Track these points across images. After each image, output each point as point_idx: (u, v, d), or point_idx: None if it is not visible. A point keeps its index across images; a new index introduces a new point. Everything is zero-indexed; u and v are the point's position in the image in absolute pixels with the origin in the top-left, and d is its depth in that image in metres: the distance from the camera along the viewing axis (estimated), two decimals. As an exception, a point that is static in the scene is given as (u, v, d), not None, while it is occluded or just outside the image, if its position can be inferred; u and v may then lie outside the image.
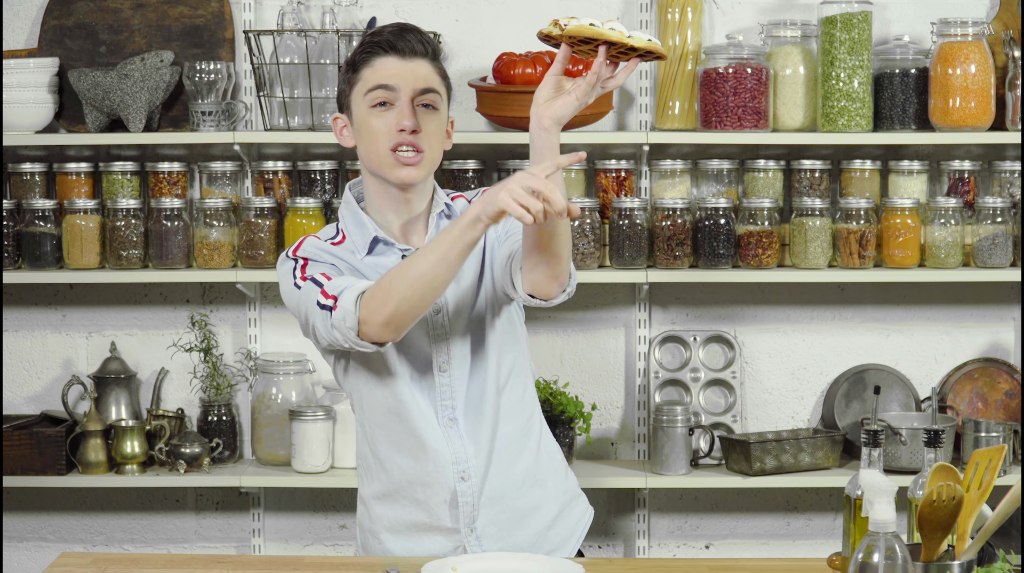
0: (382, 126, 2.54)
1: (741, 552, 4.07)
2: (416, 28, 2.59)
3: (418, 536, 2.65)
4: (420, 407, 2.60)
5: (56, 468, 3.81)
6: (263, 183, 3.89)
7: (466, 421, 2.61)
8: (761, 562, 2.78)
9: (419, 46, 2.56)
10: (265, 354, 3.96)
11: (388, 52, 2.55)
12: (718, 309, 4.02)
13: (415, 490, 2.63)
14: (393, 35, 2.56)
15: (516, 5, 3.95)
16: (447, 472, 2.60)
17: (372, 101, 2.55)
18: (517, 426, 2.65)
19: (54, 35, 3.91)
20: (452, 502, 2.62)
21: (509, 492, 2.64)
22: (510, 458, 2.64)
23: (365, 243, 2.61)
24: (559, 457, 2.75)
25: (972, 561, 2.17)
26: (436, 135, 2.57)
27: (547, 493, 2.69)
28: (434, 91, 2.56)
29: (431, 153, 2.56)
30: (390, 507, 2.67)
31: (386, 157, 2.54)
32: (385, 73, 2.54)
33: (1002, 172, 3.87)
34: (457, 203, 2.68)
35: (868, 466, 2.21)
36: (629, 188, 3.87)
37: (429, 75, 2.57)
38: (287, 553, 4.05)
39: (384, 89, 2.54)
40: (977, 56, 3.72)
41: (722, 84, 3.72)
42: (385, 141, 2.54)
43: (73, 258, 3.81)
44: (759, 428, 4.01)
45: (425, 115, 2.55)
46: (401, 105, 2.54)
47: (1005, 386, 3.95)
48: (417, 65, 2.56)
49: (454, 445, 2.60)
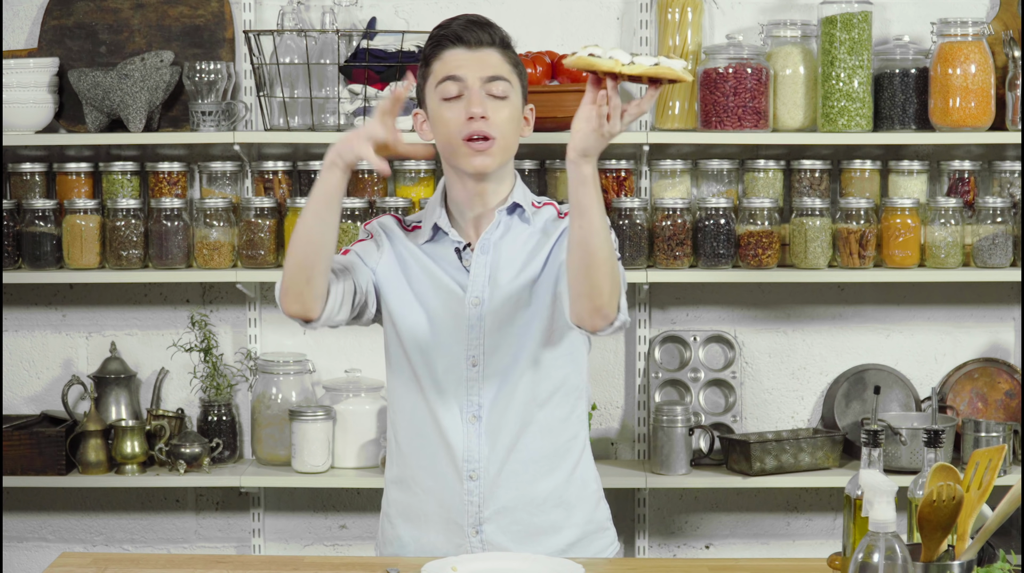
0: (453, 116, 2.55)
1: (741, 552, 4.07)
2: (484, 19, 2.60)
3: (426, 526, 2.65)
4: (444, 396, 2.60)
5: (56, 468, 3.81)
6: (263, 183, 3.89)
7: (489, 421, 2.60)
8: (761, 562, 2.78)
9: (486, 36, 2.57)
10: (265, 354, 3.96)
11: (456, 44, 2.57)
12: (718, 309, 4.02)
13: (427, 479, 2.63)
14: (460, 27, 2.57)
15: (516, 5, 3.95)
16: (457, 467, 2.60)
17: (442, 93, 2.56)
18: (552, 444, 2.63)
19: (54, 35, 3.91)
20: (458, 499, 2.61)
21: (527, 507, 2.62)
22: (536, 473, 2.62)
23: (429, 228, 2.65)
24: (594, 486, 2.71)
25: (972, 561, 2.17)
26: (508, 123, 2.56)
27: (572, 518, 2.66)
28: (503, 79, 2.56)
29: (503, 141, 2.56)
30: (403, 492, 2.68)
31: (459, 147, 2.55)
32: (453, 64, 2.56)
33: (1002, 172, 3.87)
34: (544, 210, 2.66)
35: (868, 466, 2.21)
36: (629, 188, 3.87)
37: (498, 63, 2.57)
38: (287, 553, 4.05)
39: (452, 80, 2.55)
40: (977, 56, 3.72)
41: (722, 84, 3.72)
42: (457, 131, 2.54)
43: (73, 258, 3.81)
44: (759, 428, 4.01)
45: (495, 103, 2.55)
46: (470, 94, 2.54)
47: (1005, 386, 3.95)
48: (485, 54, 2.56)
49: (470, 442, 2.60)
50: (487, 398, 2.59)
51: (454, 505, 2.62)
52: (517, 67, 2.61)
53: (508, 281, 2.60)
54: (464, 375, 2.60)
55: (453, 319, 2.60)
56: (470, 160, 2.55)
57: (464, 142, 2.54)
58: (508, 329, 2.59)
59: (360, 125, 2.46)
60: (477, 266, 2.61)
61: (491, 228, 2.62)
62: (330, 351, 4.02)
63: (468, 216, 2.63)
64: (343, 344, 4.01)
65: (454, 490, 2.61)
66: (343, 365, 4.00)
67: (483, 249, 2.61)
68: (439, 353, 2.61)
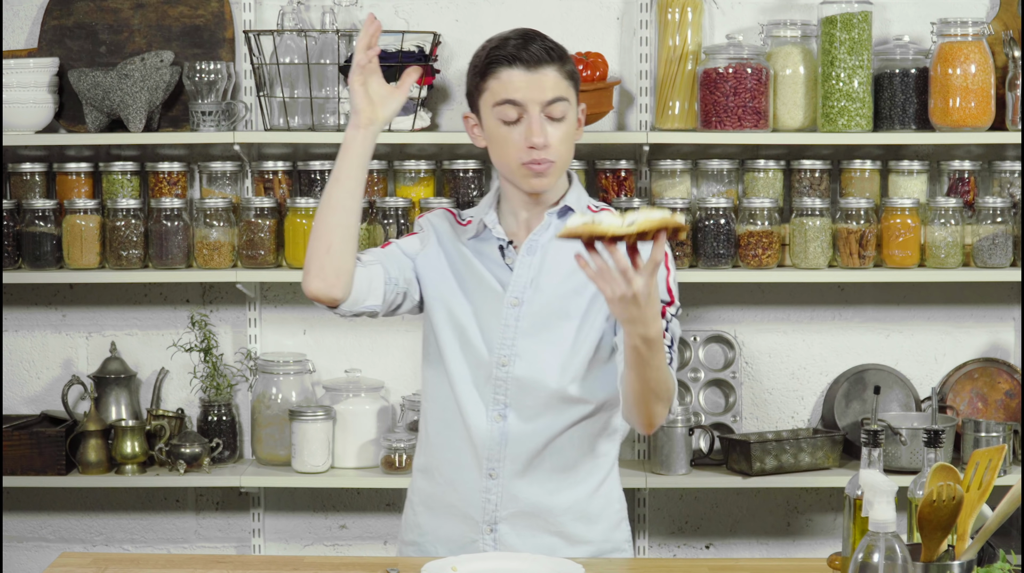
0: (512, 139, 2.54)
1: (741, 552, 4.07)
2: (539, 35, 2.57)
3: (445, 517, 2.65)
4: (472, 391, 2.60)
5: (56, 468, 3.81)
6: (263, 183, 3.89)
7: (514, 424, 2.59)
8: (761, 562, 2.78)
9: (544, 54, 2.53)
10: (265, 354, 3.96)
11: (513, 64, 2.54)
12: (718, 309, 4.02)
13: (450, 470, 2.64)
14: (517, 46, 2.54)
15: (516, 5, 3.95)
16: (479, 463, 2.60)
17: (500, 115, 2.54)
18: (580, 457, 2.62)
19: (54, 35, 3.91)
20: (477, 495, 2.61)
21: (546, 515, 2.61)
22: (559, 483, 2.61)
23: (477, 225, 2.65)
24: (618, 505, 2.71)
25: (972, 561, 2.17)
26: (565, 142, 2.55)
27: (589, 534, 2.65)
28: (562, 99, 2.54)
29: (561, 161, 2.56)
30: (427, 481, 2.68)
31: (517, 169, 2.55)
32: (512, 87, 2.53)
33: (1002, 172, 3.87)
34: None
35: (868, 466, 2.21)
36: (629, 188, 3.87)
37: (556, 83, 2.54)
38: (287, 553, 4.05)
39: (511, 104, 2.53)
40: (977, 56, 3.72)
41: (722, 84, 3.72)
42: (516, 155, 2.54)
43: (73, 258, 3.81)
44: (759, 428, 4.01)
45: (553, 125, 2.54)
46: (530, 120, 2.52)
47: (1005, 386, 3.95)
48: (543, 75, 2.53)
49: (492, 440, 2.59)
50: (513, 399, 2.58)
51: (472, 500, 2.62)
52: (572, 77, 2.58)
53: (551, 286, 2.58)
54: (493, 373, 2.59)
55: (490, 316, 2.59)
56: (529, 182, 2.56)
57: (522, 166, 2.54)
58: (544, 335, 2.58)
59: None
60: (521, 266, 2.60)
61: (539, 229, 2.61)
62: (330, 351, 4.02)
63: (521, 217, 2.63)
64: (343, 344, 4.02)
65: (473, 485, 2.61)
66: (343, 365, 4.00)
67: (530, 249, 2.60)
68: (471, 348, 2.60)
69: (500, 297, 2.59)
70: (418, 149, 3.96)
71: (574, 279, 2.57)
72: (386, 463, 3.81)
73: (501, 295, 2.59)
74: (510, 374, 2.58)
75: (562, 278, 2.58)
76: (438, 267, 2.65)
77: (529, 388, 2.58)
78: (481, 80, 2.57)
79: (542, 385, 2.58)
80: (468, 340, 2.60)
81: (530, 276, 2.59)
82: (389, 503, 4.05)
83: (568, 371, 2.58)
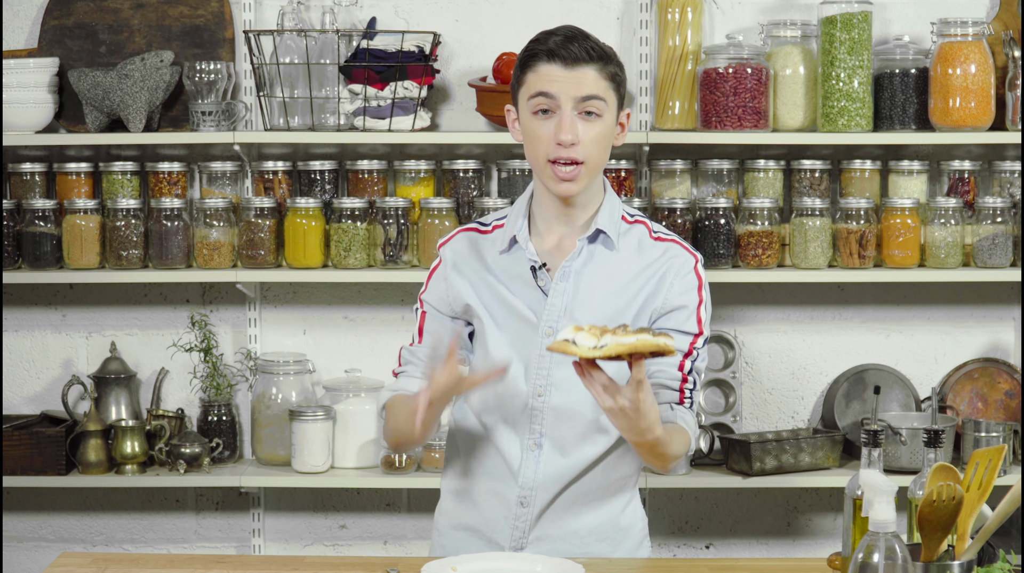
0: (543, 134, 2.50)
1: (741, 552, 4.07)
2: (583, 34, 2.53)
3: (472, 540, 2.63)
4: (507, 419, 2.57)
5: (56, 468, 3.81)
6: (263, 183, 3.89)
7: (549, 451, 2.56)
8: (761, 562, 2.78)
9: (584, 54, 2.50)
10: (265, 354, 3.96)
11: (552, 59, 2.50)
12: (718, 309, 4.01)
13: (481, 497, 2.61)
14: (557, 43, 2.50)
15: (516, 5, 3.95)
16: (513, 492, 2.57)
17: (534, 107, 2.51)
18: (608, 480, 2.60)
19: (54, 35, 3.91)
20: (507, 522, 2.59)
21: (570, 538, 2.60)
22: (584, 507, 2.59)
23: (507, 238, 2.59)
24: (641, 525, 2.69)
25: (972, 561, 2.17)
26: (598, 143, 2.51)
27: (615, 553, 2.62)
28: (598, 98, 2.50)
29: (591, 163, 2.51)
30: (458, 504, 2.66)
31: (544, 168, 2.52)
32: (547, 80, 2.49)
33: (1002, 172, 3.87)
34: (635, 230, 2.61)
35: (868, 466, 2.21)
36: (629, 188, 3.87)
37: (594, 82, 2.50)
38: (287, 553, 4.05)
39: (544, 96, 2.50)
40: (977, 56, 3.72)
41: (722, 84, 3.72)
42: (544, 151, 2.50)
43: (73, 258, 3.81)
44: (759, 428, 4.01)
45: (586, 123, 2.50)
46: (562, 115, 2.49)
47: (1005, 386, 3.95)
48: (582, 73, 2.49)
49: (527, 468, 2.56)
50: (549, 428, 2.56)
51: (500, 527, 2.59)
52: (614, 79, 2.53)
53: (586, 315, 2.53)
54: (528, 403, 2.56)
55: (524, 346, 2.55)
56: (555, 185, 2.52)
57: (549, 164, 2.50)
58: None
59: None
60: (555, 294, 2.55)
61: (572, 256, 2.56)
62: (330, 351, 4.02)
63: (554, 233, 2.59)
64: (343, 344, 4.02)
65: (504, 513, 2.59)
66: (343, 365, 4.00)
67: (563, 276, 2.56)
68: (507, 378, 2.55)
69: (535, 327, 2.55)
70: (418, 149, 3.96)
71: (608, 307, 2.54)
72: (386, 463, 3.81)
73: (535, 325, 2.55)
74: (546, 404, 2.55)
75: (597, 307, 2.54)
76: (468, 299, 2.60)
77: (566, 417, 2.55)
78: (521, 73, 2.54)
79: (579, 414, 2.55)
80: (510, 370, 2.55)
81: (564, 304, 2.54)
82: (389, 503, 4.05)
83: None
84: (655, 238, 2.59)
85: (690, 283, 2.56)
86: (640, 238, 2.59)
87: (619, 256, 2.56)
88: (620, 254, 2.57)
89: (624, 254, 2.57)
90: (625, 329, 2.20)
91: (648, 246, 2.58)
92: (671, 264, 2.56)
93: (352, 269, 3.78)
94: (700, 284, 2.57)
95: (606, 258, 2.56)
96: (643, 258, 2.57)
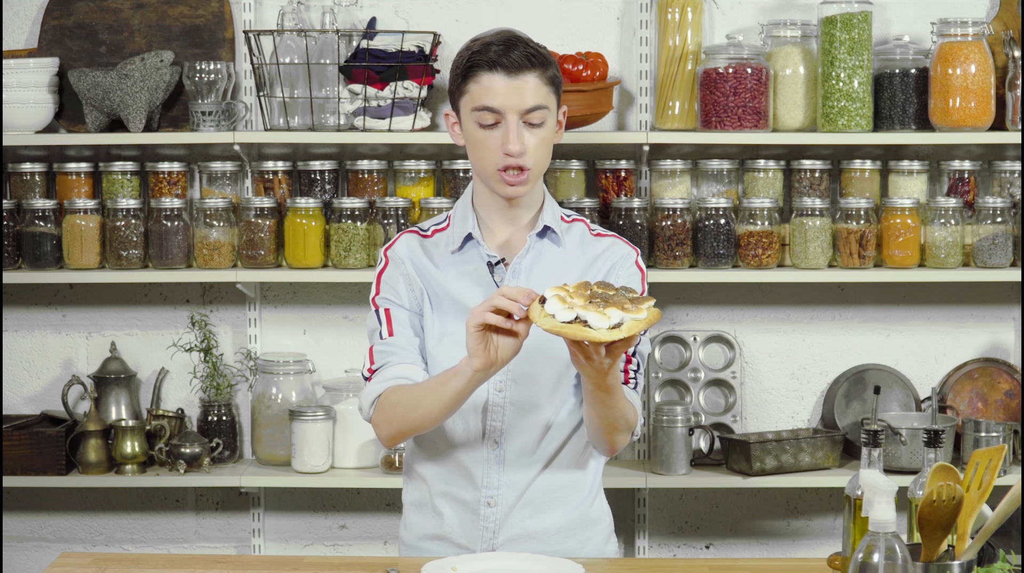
0: (490, 144, 2.52)
1: (741, 552, 4.07)
2: (522, 39, 2.54)
3: (442, 549, 2.62)
4: (465, 419, 2.58)
5: (56, 468, 3.81)
6: (263, 183, 3.89)
7: (509, 449, 2.57)
8: (761, 562, 2.78)
9: (525, 60, 2.50)
10: (265, 354, 3.96)
11: (493, 69, 2.50)
12: (718, 309, 4.02)
13: (445, 504, 2.61)
14: (498, 52, 2.50)
15: (516, 5, 3.95)
16: (476, 493, 2.58)
17: (479, 120, 2.52)
18: (570, 476, 2.62)
19: (54, 35, 3.91)
20: (474, 525, 2.59)
21: (541, 536, 2.61)
22: (551, 504, 2.61)
23: (460, 237, 2.61)
24: (608, 520, 2.71)
25: (972, 561, 2.17)
26: (541, 148, 2.54)
27: (584, 550, 2.64)
28: (541, 107, 2.52)
29: (537, 167, 2.54)
30: (422, 516, 2.65)
31: (493, 175, 2.54)
32: (491, 93, 2.50)
33: (1002, 172, 3.87)
34: (575, 227, 2.65)
35: (868, 466, 2.21)
36: (629, 188, 3.87)
37: (536, 90, 2.51)
38: (287, 553, 4.05)
39: (490, 111, 2.51)
40: (977, 56, 3.72)
41: (722, 84, 3.72)
42: (492, 160, 2.52)
43: (73, 258, 3.81)
44: (759, 428, 4.01)
45: (531, 132, 2.52)
46: (507, 126, 2.51)
47: (1005, 386, 3.95)
48: (524, 82, 2.50)
49: (489, 469, 2.58)
50: (509, 424, 2.57)
51: (470, 531, 2.60)
52: (554, 82, 2.55)
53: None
54: (488, 399, 2.57)
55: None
56: (503, 189, 2.55)
57: (498, 171, 2.52)
58: (536, 356, 2.55)
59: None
60: None
61: (522, 253, 2.59)
62: (330, 351, 4.02)
63: (502, 230, 2.62)
64: (343, 344, 4.02)
65: (471, 516, 2.60)
66: (343, 365, 4.00)
67: (515, 273, 2.59)
68: None
69: None
70: (418, 149, 3.96)
71: None
72: (386, 463, 3.82)
73: None
74: (507, 398, 2.57)
75: None
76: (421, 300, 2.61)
77: (525, 411, 2.57)
78: (462, 82, 2.55)
79: (538, 405, 2.57)
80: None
81: None
82: (389, 503, 4.05)
83: (560, 389, 2.58)
84: (595, 235, 2.66)
85: (633, 274, 2.62)
86: (581, 235, 2.65)
87: (565, 251, 2.62)
88: (566, 250, 2.62)
89: (569, 250, 2.62)
90: (605, 288, 2.26)
91: (590, 242, 2.65)
92: (616, 257, 2.63)
93: (352, 269, 3.78)
94: (643, 276, 2.63)
95: (554, 253, 2.61)
96: (588, 253, 2.63)
